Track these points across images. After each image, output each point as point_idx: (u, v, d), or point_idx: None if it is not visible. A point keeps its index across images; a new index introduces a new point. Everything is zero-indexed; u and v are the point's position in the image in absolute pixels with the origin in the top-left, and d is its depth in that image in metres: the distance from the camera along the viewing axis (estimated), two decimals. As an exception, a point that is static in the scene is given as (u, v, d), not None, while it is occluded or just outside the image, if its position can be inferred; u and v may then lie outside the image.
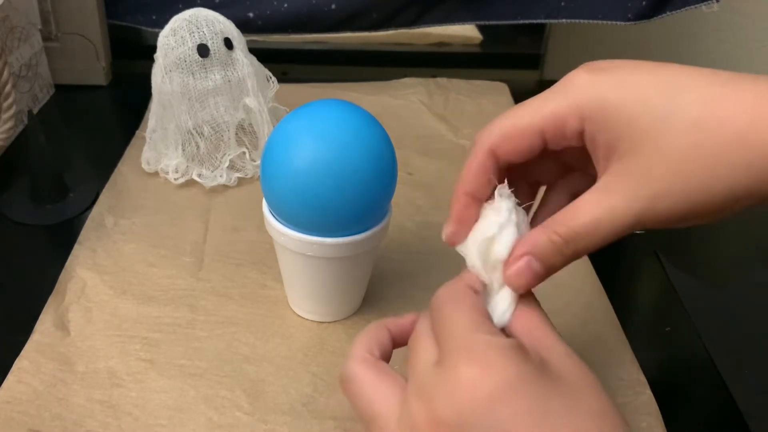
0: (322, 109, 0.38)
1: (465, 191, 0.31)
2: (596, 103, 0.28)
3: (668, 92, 0.27)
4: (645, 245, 0.52)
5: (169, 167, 0.55)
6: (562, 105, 0.29)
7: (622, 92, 0.28)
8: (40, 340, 0.41)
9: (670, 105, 0.27)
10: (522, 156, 0.31)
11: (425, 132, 0.64)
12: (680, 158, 0.27)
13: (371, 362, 0.29)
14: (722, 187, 0.26)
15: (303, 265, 0.40)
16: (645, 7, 0.67)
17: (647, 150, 0.27)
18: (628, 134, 0.28)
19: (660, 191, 0.27)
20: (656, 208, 0.27)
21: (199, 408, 0.38)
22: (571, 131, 0.29)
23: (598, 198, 0.28)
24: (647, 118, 0.27)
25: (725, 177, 0.26)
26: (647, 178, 0.27)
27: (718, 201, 0.27)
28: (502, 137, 0.31)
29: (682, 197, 0.27)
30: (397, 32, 0.74)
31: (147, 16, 0.71)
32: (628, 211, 0.28)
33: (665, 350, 0.45)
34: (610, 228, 0.28)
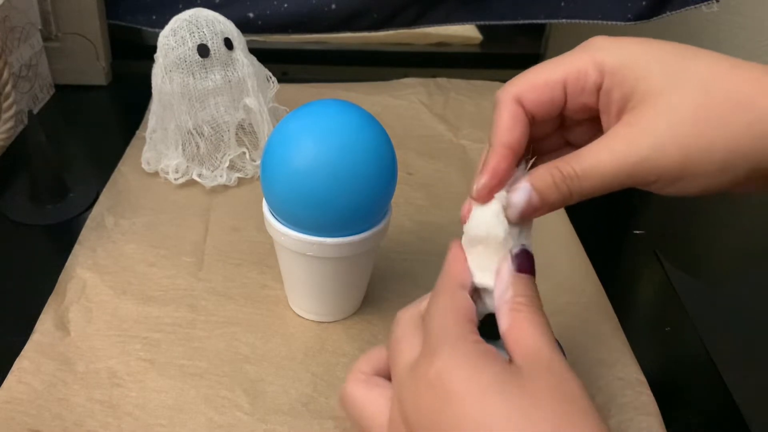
0: (322, 109, 0.38)
1: (502, 142, 0.30)
2: (616, 59, 0.30)
3: (682, 56, 0.29)
4: (645, 245, 0.53)
5: (169, 167, 0.55)
6: (584, 59, 0.30)
7: (640, 51, 0.30)
8: (41, 340, 0.41)
9: (682, 66, 0.29)
10: (545, 109, 0.31)
11: (425, 132, 0.64)
12: (686, 115, 0.28)
13: (361, 379, 0.30)
14: (721, 147, 0.28)
15: (303, 265, 0.40)
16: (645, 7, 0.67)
17: (656, 104, 0.29)
18: (641, 89, 0.29)
19: (662, 142, 0.28)
20: (655, 158, 0.28)
21: (199, 408, 0.38)
22: (590, 84, 0.30)
23: (604, 143, 0.29)
24: (660, 75, 0.29)
25: (725, 137, 0.28)
26: (652, 128, 0.28)
27: (715, 161, 0.28)
28: (527, 86, 0.31)
29: (681, 151, 0.28)
30: (397, 32, 0.74)
31: (147, 16, 0.71)
32: (628, 157, 0.28)
33: (665, 350, 0.45)
34: (608, 173, 0.29)
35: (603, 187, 0.29)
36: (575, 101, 0.31)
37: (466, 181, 0.57)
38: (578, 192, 0.29)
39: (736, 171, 0.28)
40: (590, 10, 0.70)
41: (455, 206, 0.54)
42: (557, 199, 0.30)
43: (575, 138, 0.34)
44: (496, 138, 0.31)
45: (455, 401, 0.25)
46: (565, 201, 0.30)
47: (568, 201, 0.30)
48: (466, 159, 0.60)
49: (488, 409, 0.24)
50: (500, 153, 0.30)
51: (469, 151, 0.61)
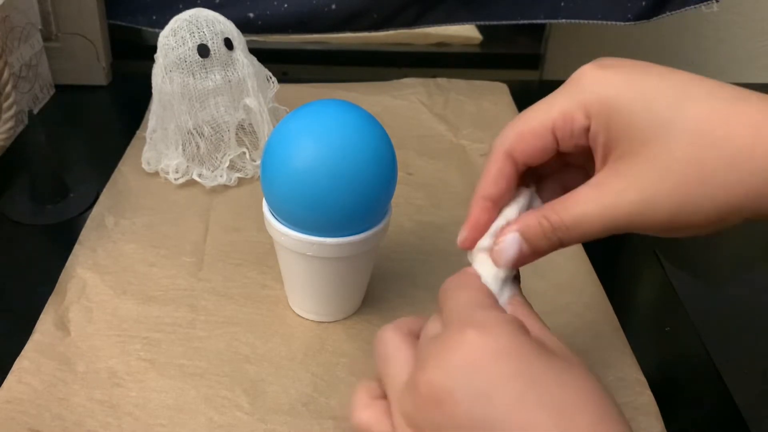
0: (322, 109, 0.38)
1: (483, 195, 0.31)
2: (601, 102, 0.29)
3: (674, 100, 0.28)
4: (645, 245, 0.53)
5: (169, 167, 0.55)
6: (570, 102, 0.30)
7: (627, 93, 0.28)
8: (41, 340, 0.41)
9: (673, 113, 0.27)
10: (537, 157, 0.31)
11: (425, 132, 0.64)
12: (675, 169, 0.27)
13: (404, 333, 0.29)
14: (712, 204, 0.27)
15: (303, 265, 0.40)
16: (645, 7, 0.67)
17: (645, 155, 0.28)
18: (628, 136, 0.28)
19: (651, 197, 0.27)
20: (644, 213, 0.28)
21: (199, 408, 0.38)
22: (578, 128, 0.30)
23: (592, 193, 0.29)
24: (649, 123, 0.28)
25: (717, 194, 0.27)
26: (641, 182, 0.28)
27: (706, 216, 0.27)
28: (516, 139, 0.31)
29: (671, 207, 0.27)
30: (397, 32, 0.74)
31: (147, 16, 0.71)
32: (617, 211, 0.28)
33: (665, 350, 0.45)
34: (597, 224, 0.29)
35: (593, 236, 0.29)
36: (567, 144, 0.31)
37: (466, 181, 0.57)
38: (567, 240, 0.30)
39: (729, 221, 0.27)
40: (590, 10, 0.70)
41: (455, 206, 0.54)
42: (546, 247, 0.30)
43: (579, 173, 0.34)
44: (480, 189, 0.32)
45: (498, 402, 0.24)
46: (554, 248, 0.30)
47: (558, 248, 0.30)
48: (466, 159, 0.60)
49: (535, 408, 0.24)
50: (481, 205, 0.32)
51: (469, 151, 0.61)
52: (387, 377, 0.28)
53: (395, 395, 0.27)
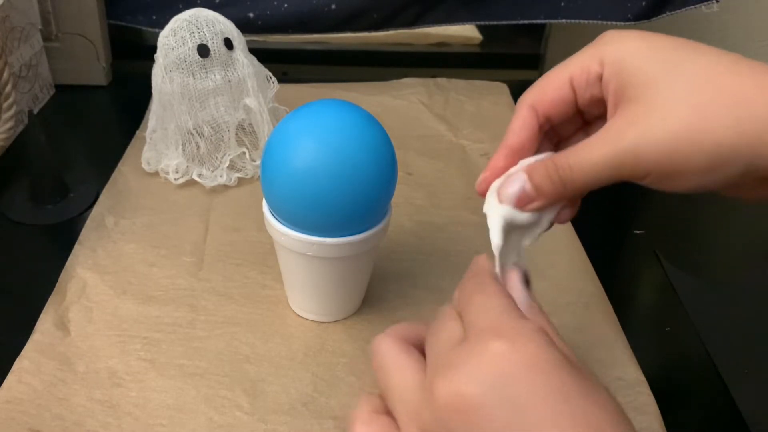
0: (322, 109, 0.38)
1: (506, 144, 0.32)
2: (616, 51, 0.30)
3: (683, 50, 0.29)
4: (645, 245, 0.53)
5: (169, 167, 0.55)
6: (589, 54, 0.31)
7: (640, 44, 0.30)
8: (41, 340, 0.41)
9: (680, 60, 0.29)
10: (557, 109, 0.32)
11: (425, 132, 0.64)
12: (677, 108, 0.28)
13: (400, 340, 0.29)
14: (711, 141, 0.27)
15: (303, 265, 0.40)
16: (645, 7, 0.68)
17: (649, 97, 0.29)
18: (635, 81, 0.29)
19: (650, 134, 0.28)
20: (644, 150, 0.28)
21: (199, 408, 0.38)
22: (593, 76, 0.31)
23: (596, 135, 0.30)
24: (656, 67, 0.29)
25: (715, 132, 0.27)
26: (642, 120, 0.28)
27: (705, 156, 0.28)
28: (538, 92, 0.32)
29: (671, 144, 0.28)
30: (397, 32, 0.74)
31: (147, 16, 0.71)
32: (617, 148, 0.29)
33: (665, 350, 0.45)
34: (598, 162, 0.29)
35: (595, 179, 0.30)
36: (584, 95, 0.32)
37: (466, 181, 0.57)
38: (571, 183, 0.30)
39: (729, 169, 0.28)
40: (590, 10, 0.70)
41: (455, 206, 0.54)
42: (550, 189, 0.30)
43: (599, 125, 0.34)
44: (504, 140, 0.33)
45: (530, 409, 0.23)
46: (558, 192, 0.30)
47: (562, 192, 0.30)
48: (466, 159, 0.60)
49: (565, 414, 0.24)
50: (501, 153, 0.32)
51: (469, 151, 0.61)
52: (391, 389, 0.27)
53: (404, 407, 0.26)
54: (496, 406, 0.23)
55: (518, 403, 0.23)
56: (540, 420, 0.23)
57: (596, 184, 0.30)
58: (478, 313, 0.27)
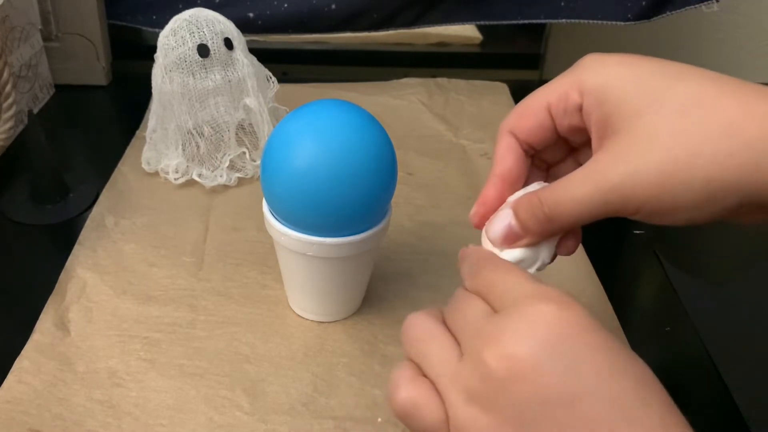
0: (322, 109, 0.38)
1: (494, 173, 0.33)
2: (596, 79, 0.29)
3: (666, 76, 0.28)
4: (645, 245, 0.53)
5: (169, 167, 0.55)
6: (567, 81, 0.31)
7: (621, 72, 0.29)
8: (41, 340, 0.41)
9: (664, 90, 0.28)
10: (535, 134, 0.32)
11: (425, 132, 0.64)
12: (663, 141, 0.27)
13: (438, 318, 0.29)
14: (701, 177, 0.26)
15: (303, 265, 0.40)
16: (645, 7, 0.67)
17: (633, 129, 0.28)
18: (619, 111, 0.28)
19: (636, 169, 0.27)
20: (630, 187, 0.27)
21: (199, 408, 0.38)
22: (571, 106, 0.30)
23: (581, 170, 0.29)
24: (640, 97, 0.28)
25: (705, 167, 0.26)
26: (626, 154, 0.28)
27: (696, 192, 0.27)
28: (516, 118, 0.32)
29: (658, 180, 0.27)
30: (397, 32, 0.74)
31: (147, 16, 0.71)
32: (602, 184, 0.28)
33: (665, 350, 0.45)
34: (583, 198, 0.29)
35: (580, 215, 0.29)
36: (562, 123, 0.31)
37: (466, 181, 0.57)
38: (557, 219, 0.30)
39: (723, 202, 0.27)
40: (590, 10, 0.70)
41: (455, 206, 0.54)
42: (536, 226, 0.30)
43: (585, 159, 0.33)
44: (492, 169, 0.33)
45: None
46: (545, 228, 0.30)
47: (549, 229, 0.30)
48: (466, 159, 0.60)
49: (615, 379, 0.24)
50: (490, 182, 0.33)
51: (469, 151, 0.61)
52: (430, 357, 0.27)
53: (444, 371, 0.26)
54: (552, 367, 0.24)
55: (572, 362, 0.24)
56: (594, 375, 0.24)
57: (584, 220, 0.29)
58: (507, 286, 0.27)
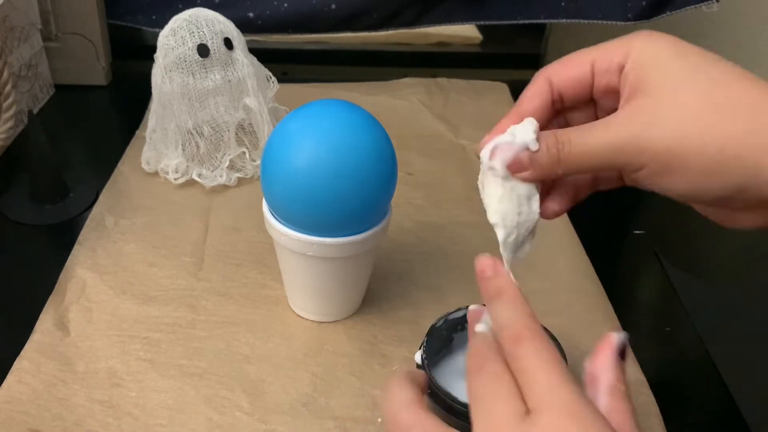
0: (322, 109, 0.38)
1: (517, 110, 0.33)
2: (643, 46, 0.31)
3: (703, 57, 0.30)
4: (645, 245, 0.52)
5: (169, 167, 0.55)
6: (616, 43, 0.32)
7: (667, 45, 0.31)
8: (41, 340, 0.41)
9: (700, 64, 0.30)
10: (572, 85, 0.33)
11: (425, 132, 0.64)
12: (687, 105, 0.28)
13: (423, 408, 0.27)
14: (714, 143, 0.28)
15: (303, 265, 0.40)
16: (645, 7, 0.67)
17: (663, 92, 0.29)
18: (654, 77, 0.30)
19: (656, 123, 0.29)
20: (647, 138, 0.29)
21: (199, 408, 0.38)
22: (614, 64, 0.31)
23: (604, 119, 0.30)
24: (677, 68, 0.30)
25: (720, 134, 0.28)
26: (650, 111, 0.29)
27: (706, 156, 0.28)
28: (558, 66, 0.33)
29: (674, 136, 0.28)
30: (397, 32, 0.74)
31: (147, 16, 0.71)
32: (620, 132, 0.29)
33: (665, 350, 0.45)
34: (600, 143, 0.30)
35: (591, 160, 0.30)
36: (601, 81, 0.32)
37: (466, 181, 0.57)
38: (566, 159, 0.30)
39: (728, 177, 0.28)
40: (590, 10, 0.70)
41: (455, 206, 0.54)
42: (545, 160, 0.30)
43: None
44: (515, 106, 0.33)
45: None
46: (552, 165, 0.30)
47: (556, 166, 0.30)
48: (466, 159, 0.60)
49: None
50: (510, 116, 0.33)
51: (469, 151, 0.61)
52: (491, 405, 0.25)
53: None
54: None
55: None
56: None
57: (590, 167, 0.30)
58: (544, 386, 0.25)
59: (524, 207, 0.32)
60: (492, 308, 0.28)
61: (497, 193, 0.31)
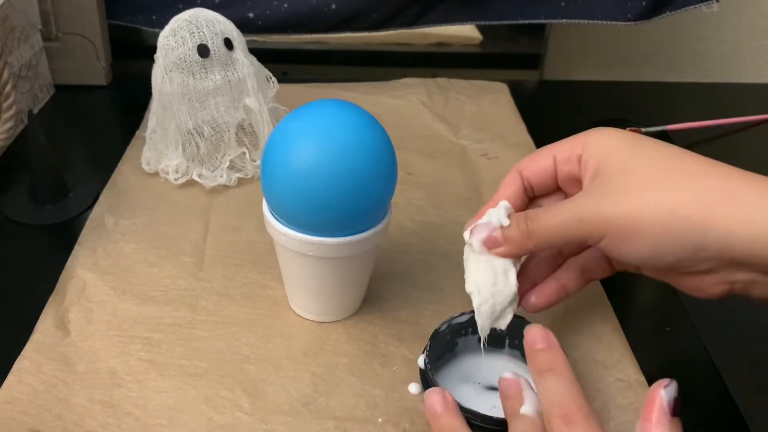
0: (322, 109, 0.38)
1: (496, 197, 0.38)
2: (597, 138, 0.36)
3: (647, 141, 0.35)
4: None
5: (169, 167, 0.55)
6: (574, 138, 0.37)
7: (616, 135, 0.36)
8: (41, 340, 0.41)
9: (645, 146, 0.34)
10: (539, 175, 0.38)
11: (425, 132, 0.64)
12: (641, 181, 0.33)
13: None
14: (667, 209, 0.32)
15: (303, 265, 0.40)
16: (645, 7, 0.68)
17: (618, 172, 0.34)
18: (611, 160, 0.34)
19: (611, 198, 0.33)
20: (602, 210, 0.33)
21: (199, 408, 0.38)
22: (574, 155, 0.36)
23: (568, 199, 0.35)
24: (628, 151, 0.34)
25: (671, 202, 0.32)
26: (607, 188, 0.33)
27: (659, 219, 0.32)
28: (528, 159, 0.39)
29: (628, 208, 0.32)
30: (397, 32, 0.74)
31: (147, 16, 0.71)
32: (582, 207, 0.34)
33: (665, 350, 0.45)
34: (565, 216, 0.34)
35: (558, 233, 0.34)
36: (563, 170, 0.37)
37: (466, 181, 0.57)
38: (535, 231, 0.35)
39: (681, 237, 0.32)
40: (590, 10, 0.70)
41: (455, 206, 0.54)
42: (516, 235, 0.35)
43: None
44: (494, 194, 0.38)
45: None
46: (523, 239, 0.35)
47: (527, 241, 0.35)
48: (466, 159, 0.60)
49: None
50: (489, 203, 0.37)
51: (469, 151, 0.61)
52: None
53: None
54: None
55: None
56: None
57: (558, 238, 0.35)
58: None
59: (500, 278, 0.35)
60: (542, 383, 0.32)
61: (474, 266, 0.36)
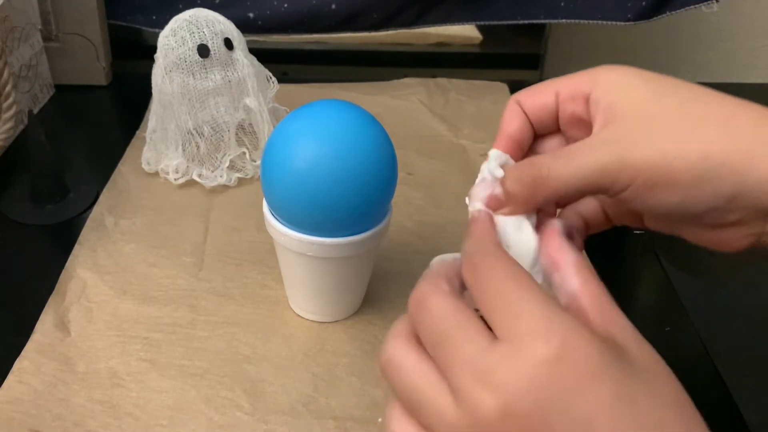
0: (322, 109, 0.38)
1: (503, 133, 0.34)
2: (609, 74, 0.31)
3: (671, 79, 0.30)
4: (645, 245, 0.52)
5: (169, 167, 0.55)
6: (581, 74, 0.32)
7: (632, 71, 0.31)
8: (41, 340, 0.41)
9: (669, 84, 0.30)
10: (538, 111, 0.33)
11: (425, 132, 0.64)
12: (666, 122, 0.29)
13: (413, 343, 0.26)
14: (696, 149, 0.28)
15: (303, 265, 0.40)
16: (645, 7, 0.68)
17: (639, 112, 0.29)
18: (628, 99, 0.30)
19: (636, 143, 0.28)
20: (628, 156, 0.28)
21: (199, 408, 0.38)
22: (581, 93, 0.32)
23: (582, 143, 0.30)
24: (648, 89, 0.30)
25: (701, 140, 0.28)
26: (630, 131, 0.29)
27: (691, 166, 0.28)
28: (527, 91, 0.34)
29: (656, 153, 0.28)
30: (397, 32, 0.74)
31: (147, 16, 0.71)
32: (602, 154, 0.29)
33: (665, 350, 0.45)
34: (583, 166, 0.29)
35: (573, 185, 0.29)
36: (565, 109, 0.32)
37: (466, 181, 0.57)
38: (546, 184, 0.29)
39: (717, 185, 0.28)
40: (590, 10, 0.70)
41: (455, 206, 0.54)
42: (521, 192, 0.30)
43: None
44: (499, 131, 0.34)
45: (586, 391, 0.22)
46: (529, 195, 0.30)
47: (534, 195, 0.30)
48: (466, 159, 0.60)
49: None
50: (499, 142, 0.34)
51: (469, 151, 0.61)
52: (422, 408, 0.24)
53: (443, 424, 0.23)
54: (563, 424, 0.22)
55: (585, 417, 0.22)
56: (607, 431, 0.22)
57: (571, 192, 0.29)
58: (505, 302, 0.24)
59: (512, 238, 0.30)
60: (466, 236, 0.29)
61: None
